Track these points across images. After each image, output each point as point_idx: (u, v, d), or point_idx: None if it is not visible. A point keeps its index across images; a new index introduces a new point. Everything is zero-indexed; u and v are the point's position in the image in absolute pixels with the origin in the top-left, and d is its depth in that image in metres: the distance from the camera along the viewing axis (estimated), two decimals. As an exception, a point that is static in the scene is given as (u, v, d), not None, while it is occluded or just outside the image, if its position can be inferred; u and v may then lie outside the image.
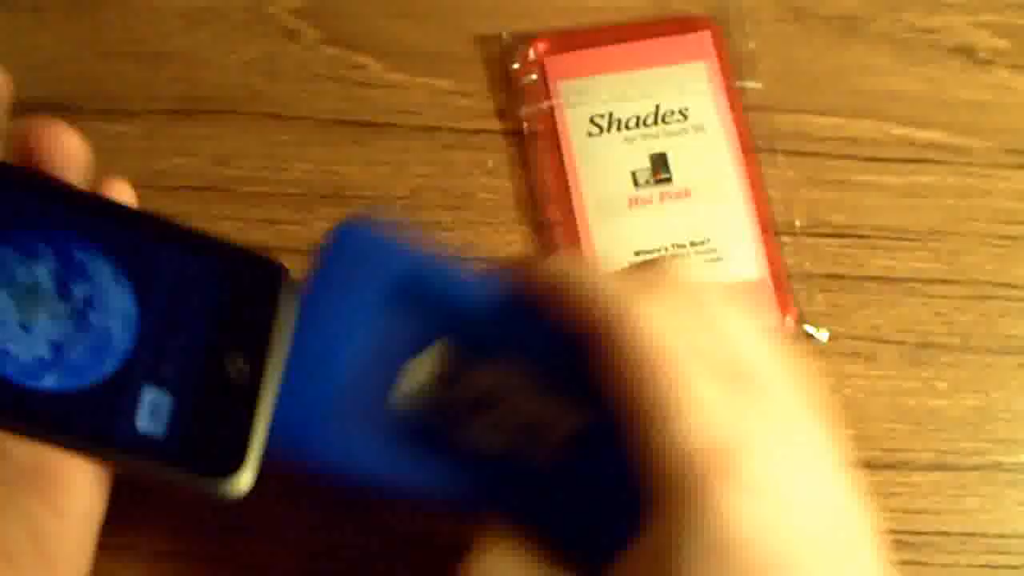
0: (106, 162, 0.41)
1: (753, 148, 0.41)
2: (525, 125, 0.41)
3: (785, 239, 0.40)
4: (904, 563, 0.38)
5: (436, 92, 0.42)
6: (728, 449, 0.25)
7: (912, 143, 0.42)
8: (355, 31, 0.43)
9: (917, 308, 0.40)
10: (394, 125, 0.42)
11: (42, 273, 0.29)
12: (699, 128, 0.41)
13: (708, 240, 0.40)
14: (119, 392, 0.29)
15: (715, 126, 0.41)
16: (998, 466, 0.39)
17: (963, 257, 0.41)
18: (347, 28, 0.43)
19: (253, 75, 0.42)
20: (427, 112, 0.42)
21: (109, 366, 0.29)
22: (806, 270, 0.40)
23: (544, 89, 0.41)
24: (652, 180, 0.40)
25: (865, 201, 0.41)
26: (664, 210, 0.40)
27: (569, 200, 0.40)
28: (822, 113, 0.42)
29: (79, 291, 0.29)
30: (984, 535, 0.38)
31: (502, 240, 0.40)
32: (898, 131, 0.42)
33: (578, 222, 0.40)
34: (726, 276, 0.39)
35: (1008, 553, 0.38)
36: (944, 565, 0.38)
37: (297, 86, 0.42)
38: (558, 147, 0.41)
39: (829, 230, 0.41)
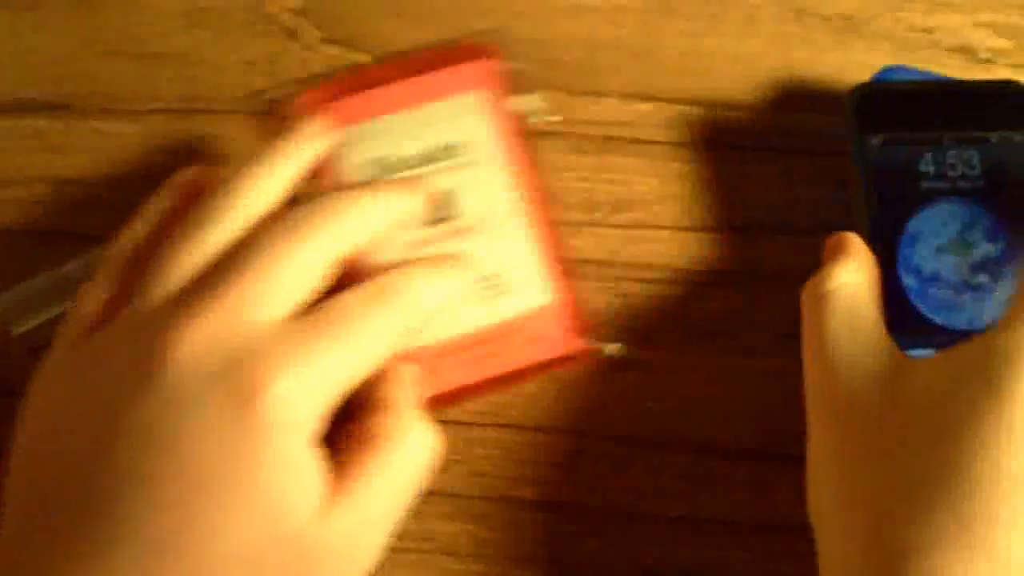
0: (106, 162, 0.41)
1: (535, 172, 0.40)
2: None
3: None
4: (904, 563, 0.37)
5: (436, 92, 0.42)
6: None
7: (912, 143, 0.42)
8: (355, 31, 0.43)
9: (917, 308, 0.40)
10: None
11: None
12: (479, 160, 0.39)
13: (497, 275, 0.38)
14: None
15: (494, 156, 0.39)
16: (998, 466, 0.39)
17: (963, 257, 0.41)
18: (347, 28, 0.43)
19: (253, 75, 0.42)
20: (427, 112, 0.42)
21: None
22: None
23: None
24: (435, 219, 0.38)
25: (865, 201, 0.41)
26: (450, 249, 0.38)
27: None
28: (822, 113, 0.42)
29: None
30: (984, 535, 0.38)
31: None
32: (898, 131, 0.42)
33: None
34: (514, 309, 0.38)
35: (1008, 553, 0.38)
36: (944, 565, 0.37)
37: (297, 86, 0.42)
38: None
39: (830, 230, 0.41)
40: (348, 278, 0.33)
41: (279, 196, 0.34)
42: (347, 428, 0.32)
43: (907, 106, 0.38)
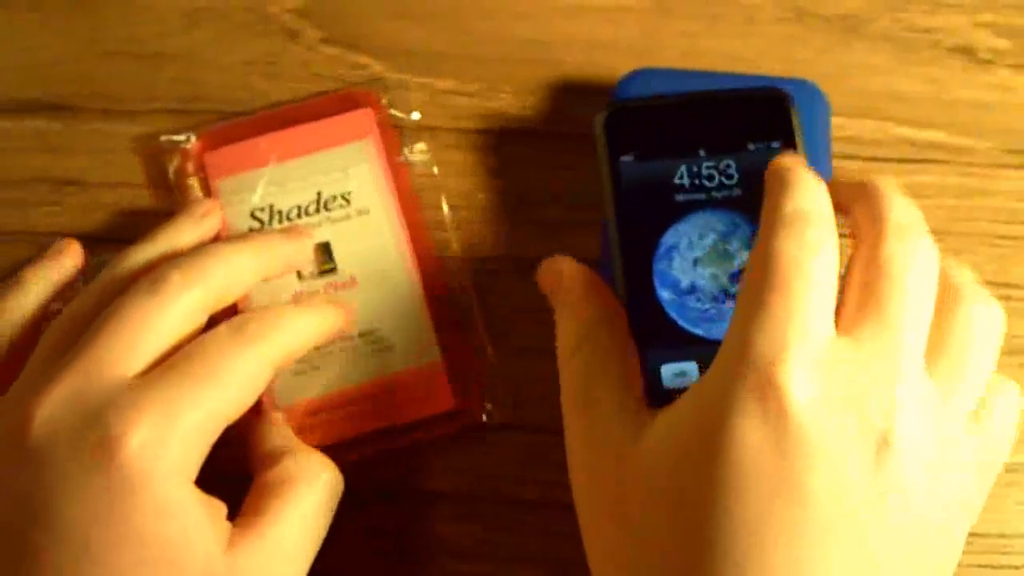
0: (106, 162, 0.41)
1: (422, 223, 0.40)
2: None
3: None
4: (905, 563, 0.37)
5: (436, 92, 0.42)
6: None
7: (913, 143, 0.42)
8: (355, 31, 0.43)
9: (918, 308, 0.40)
10: (394, 125, 0.41)
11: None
12: (363, 211, 0.39)
13: (377, 329, 0.38)
14: None
15: (378, 207, 0.39)
16: (999, 466, 0.39)
17: (964, 257, 0.41)
18: (347, 28, 0.43)
19: (253, 75, 0.42)
20: (427, 112, 0.42)
21: None
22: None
23: (206, 190, 0.40)
24: (316, 272, 0.38)
25: (865, 201, 0.41)
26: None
27: (234, 304, 0.37)
28: (822, 113, 0.42)
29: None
30: (984, 535, 0.38)
31: (503, 240, 0.40)
32: (899, 131, 0.42)
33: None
34: (396, 365, 0.38)
35: (1009, 553, 0.38)
36: (945, 565, 0.38)
37: (297, 86, 0.42)
38: None
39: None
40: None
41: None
42: (255, 485, 0.33)
43: (659, 121, 0.38)
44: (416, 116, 0.41)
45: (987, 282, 0.40)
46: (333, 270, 0.39)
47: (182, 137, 0.40)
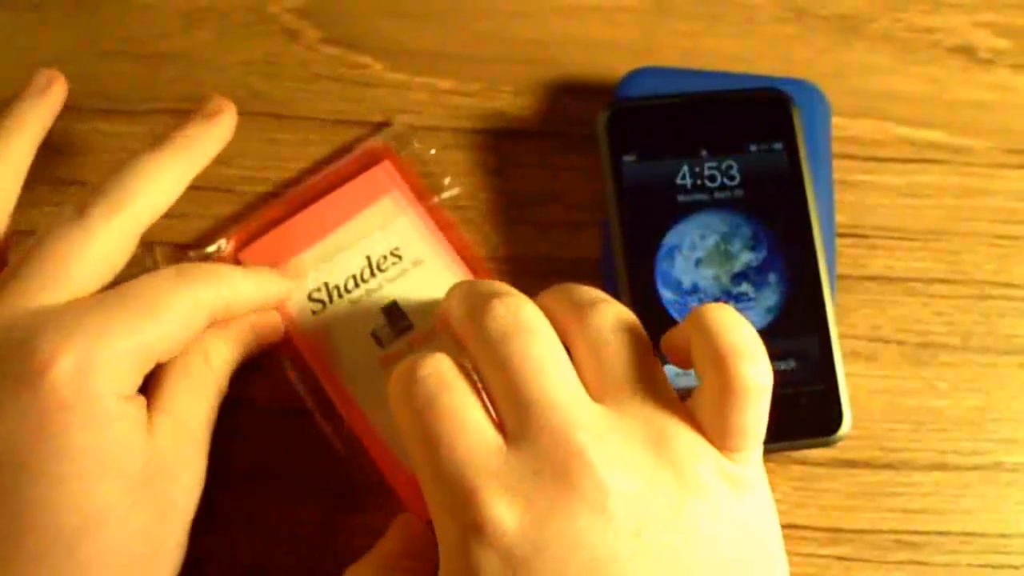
0: (106, 162, 0.41)
1: (476, 256, 0.40)
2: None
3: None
4: (904, 563, 0.37)
5: (436, 92, 0.42)
6: None
7: (912, 143, 0.42)
8: (355, 31, 0.43)
9: (917, 308, 0.40)
10: (394, 125, 0.42)
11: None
12: (417, 262, 0.38)
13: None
14: None
15: (430, 254, 0.39)
16: (999, 466, 0.39)
17: (963, 257, 0.41)
18: (347, 28, 0.43)
19: (253, 75, 0.42)
20: (427, 112, 0.42)
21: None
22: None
23: None
24: (394, 334, 0.38)
25: (866, 201, 0.41)
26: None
27: (327, 397, 0.37)
28: (822, 113, 0.42)
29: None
30: (985, 535, 0.38)
31: (503, 240, 0.40)
32: (898, 131, 0.42)
33: (344, 409, 0.37)
34: None
35: (1009, 553, 0.38)
36: (945, 565, 0.38)
37: (297, 86, 0.42)
38: (292, 343, 0.38)
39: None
40: None
41: None
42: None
43: (662, 121, 0.38)
44: (433, 152, 0.41)
45: (987, 282, 0.41)
46: (410, 327, 0.38)
47: (212, 248, 0.39)
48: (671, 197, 0.37)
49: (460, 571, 0.27)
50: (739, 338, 0.29)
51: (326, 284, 0.38)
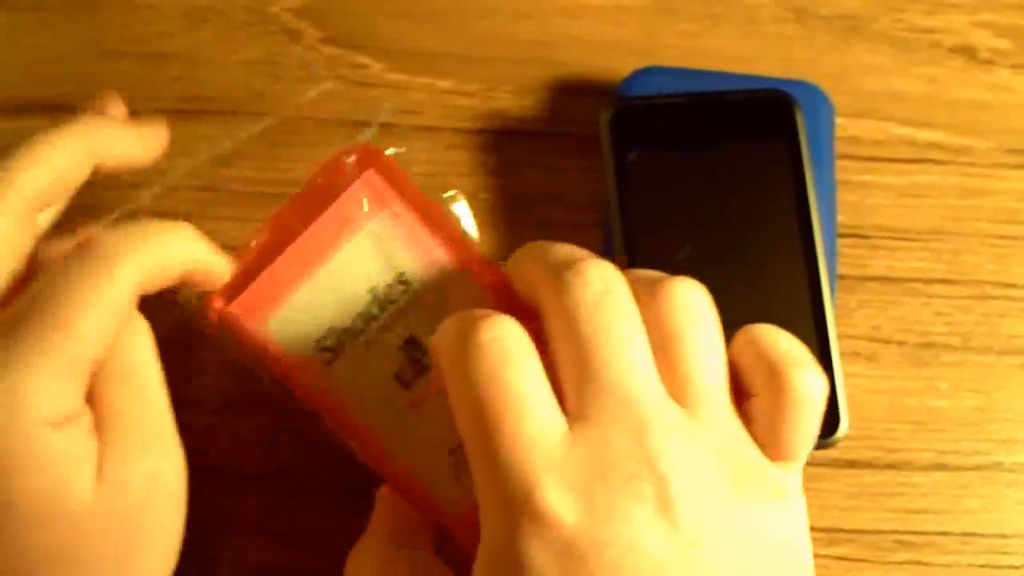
0: (106, 162, 0.41)
1: (489, 261, 0.33)
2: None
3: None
4: (905, 563, 0.37)
5: (436, 92, 0.42)
6: None
7: (913, 143, 0.42)
8: (356, 31, 0.43)
9: (918, 308, 0.40)
10: (394, 125, 0.42)
11: None
12: (427, 285, 0.33)
13: None
14: None
15: (440, 273, 0.33)
16: (999, 466, 0.39)
17: (964, 257, 0.41)
18: (348, 28, 0.43)
19: (254, 75, 0.42)
20: (427, 112, 0.42)
21: None
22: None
23: (252, 344, 0.32)
24: (418, 371, 0.33)
25: (866, 201, 0.41)
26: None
27: (375, 455, 0.33)
28: (823, 113, 0.42)
29: None
30: (985, 535, 0.38)
31: (503, 240, 0.40)
32: (899, 131, 0.42)
33: (387, 468, 0.33)
34: None
35: (1009, 553, 0.38)
36: (945, 565, 0.38)
37: (297, 86, 0.42)
38: (309, 406, 0.33)
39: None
40: None
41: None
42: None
43: (665, 120, 0.38)
44: (402, 149, 0.34)
45: (987, 282, 0.41)
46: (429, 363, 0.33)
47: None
48: (673, 196, 0.37)
49: (504, 558, 0.26)
50: (794, 349, 0.29)
51: (330, 328, 0.33)
